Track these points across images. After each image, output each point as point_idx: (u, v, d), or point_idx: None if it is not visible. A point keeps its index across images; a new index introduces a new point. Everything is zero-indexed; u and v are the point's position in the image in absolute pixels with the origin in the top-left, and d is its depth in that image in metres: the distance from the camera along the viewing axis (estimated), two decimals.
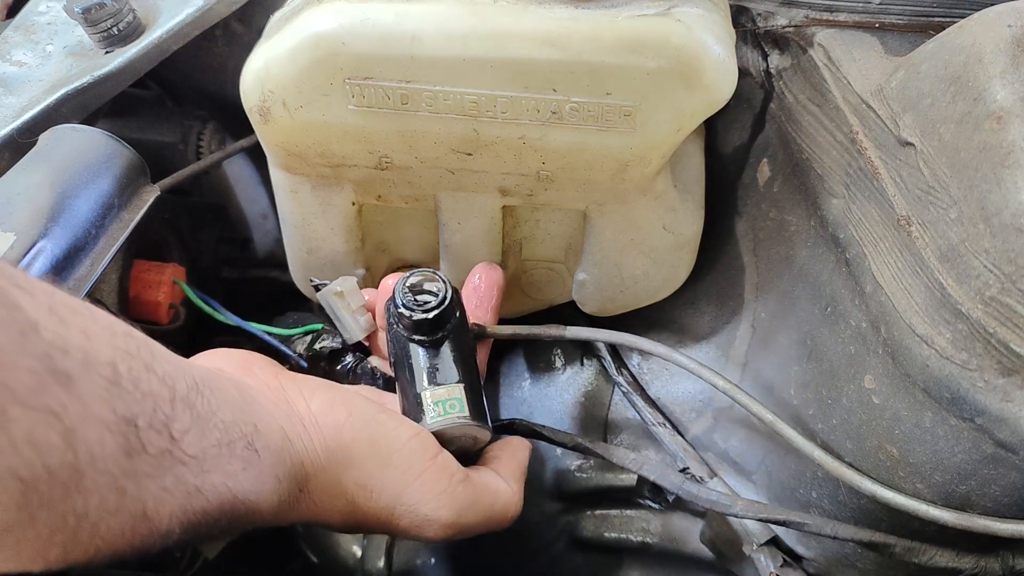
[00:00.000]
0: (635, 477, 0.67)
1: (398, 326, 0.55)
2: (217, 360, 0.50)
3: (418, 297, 0.54)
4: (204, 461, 0.38)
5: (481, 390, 0.57)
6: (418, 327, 0.54)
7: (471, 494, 0.51)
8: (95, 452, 0.32)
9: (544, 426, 0.63)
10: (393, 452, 0.49)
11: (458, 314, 0.56)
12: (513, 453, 0.58)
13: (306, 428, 0.47)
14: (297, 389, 0.49)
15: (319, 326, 0.65)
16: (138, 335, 0.37)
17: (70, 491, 0.32)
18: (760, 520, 0.55)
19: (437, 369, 0.55)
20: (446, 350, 0.55)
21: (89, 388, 0.32)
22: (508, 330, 0.62)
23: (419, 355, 0.55)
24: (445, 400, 0.54)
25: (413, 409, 0.54)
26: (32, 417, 0.30)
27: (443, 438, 0.53)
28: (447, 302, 0.54)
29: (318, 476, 0.47)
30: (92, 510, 0.33)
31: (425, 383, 0.54)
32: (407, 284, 0.55)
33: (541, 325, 0.62)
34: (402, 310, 0.54)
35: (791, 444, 0.52)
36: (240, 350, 0.52)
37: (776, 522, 0.54)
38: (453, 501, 0.50)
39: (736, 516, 0.55)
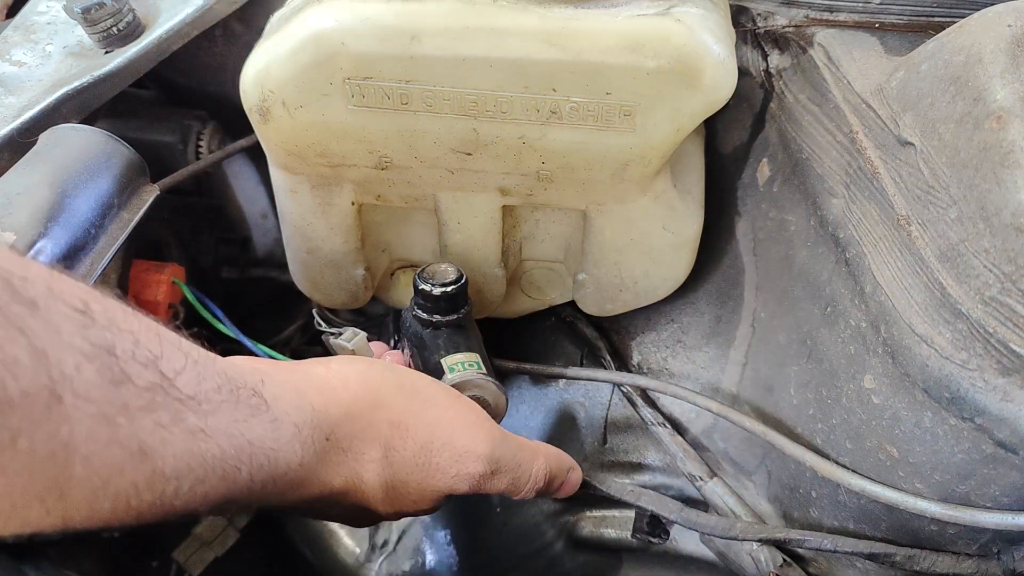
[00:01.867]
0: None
1: (414, 319, 0.60)
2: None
3: (436, 278, 0.60)
4: (205, 403, 0.36)
5: (493, 369, 0.60)
6: (437, 305, 0.59)
7: (500, 431, 0.52)
8: (72, 376, 0.31)
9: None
10: (419, 391, 0.50)
11: (470, 302, 0.61)
12: (549, 445, 0.58)
13: (328, 382, 0.46)
14: (313, 361, 0.49)
15: None
16: (113, 296, 0.36)
17: (51, 414, 0.30)
18: (761, 541, 0.55)
19: (453, 343, 0.59)
20: (462, 332, 0.61)
21: (56, 315, 0.31)
22: (512, 364, 0.65)
23: (435, 338, 0.60)
24: (463, 361, 0.59)
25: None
26: None
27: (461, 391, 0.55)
28: (463, 280, 0.60)
29: (347, 422, 0.46)
30: (79, 440, 0.31)
31: (443, 353, 0.58)
32: (424, 270, 0.60)
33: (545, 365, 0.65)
34: (423, 286, 0.59)
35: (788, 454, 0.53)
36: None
37: (777, 542, 0.54)
38: (485, 432, 0.50)
39: (737, 540, 0.56)
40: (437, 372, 0.57)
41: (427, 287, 0.59)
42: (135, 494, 0.34)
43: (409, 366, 0.61)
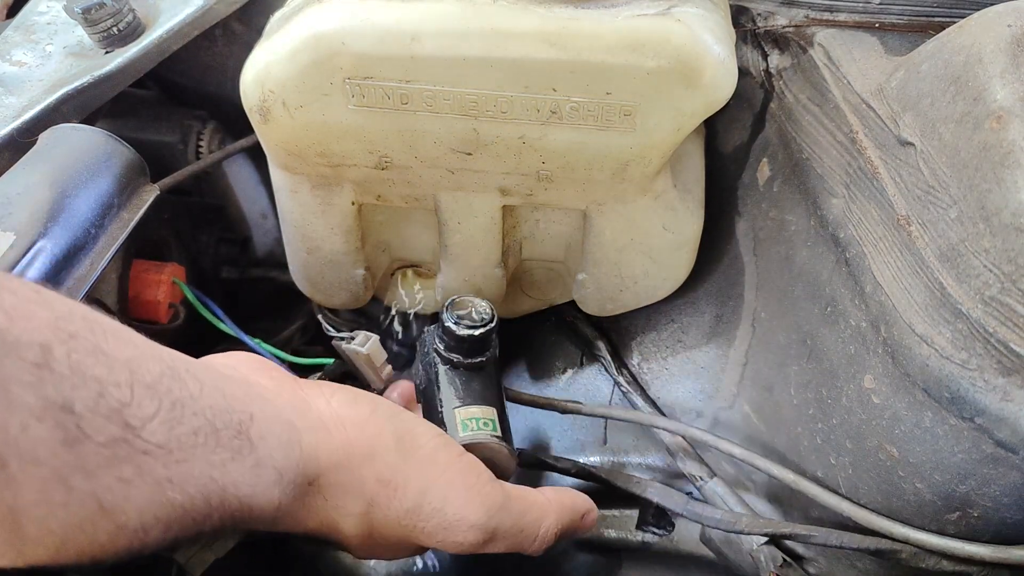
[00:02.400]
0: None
1: (434, 351, 0.55)
2: (233, 360, 0.47)
3: (462, 315, 0.55)
4: (177, 451, 0.35)
5: (509, 426, 0.56)
6: (460, 345, 0.54)
7: (501, 495, 0.48)
8: (18, 440, 0.30)
9: (547, 454, 0.63)
10: (418, 447, 0.47)
11: (496, 344, 0.56)
12: (564, 491, 0.54)
13: (324, 423, 0.45)
14: (317, 390, 0.47)
15: (330, 360, 0.65)
16: (92, 316, 0.35)
17: None
18: (765, 535, 0.55)
19: (471, 392, 0.54)
20: (481, 377, 0.56)
21: (7, 372, 0.30)
22: (526, 396, 0.63)
23: (453, 379, 0.55)
24: (478, 418, 0.54)
25: (440, 427, 0.52)
26: None
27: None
28: (494, 322, 0.55)
29: (334, 471, 0.44)
30: (28, 504, 0.31)
31: (457, 403, 0.54)
32: (454, 301, 0.55)
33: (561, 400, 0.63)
34: (448, 323, 0.54)
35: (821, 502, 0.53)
36: (255, 356, 0.50)
37: (781, 536, 0.54)
38: (483, 499, 0.47)
39: (741, 533, 0.56)
40: (447, 420, 0.53)
41: (452, 324, 0.54)
42: (99, 547, 0.33)
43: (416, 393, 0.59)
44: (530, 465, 0.63)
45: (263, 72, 0.51)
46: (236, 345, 0.64)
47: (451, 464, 0.48)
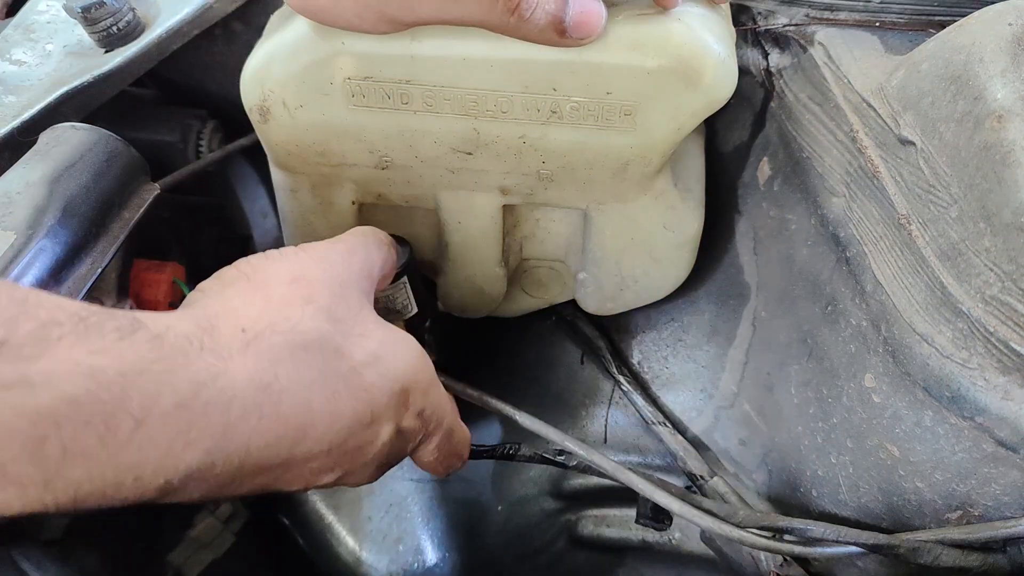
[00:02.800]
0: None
1: None
2: None
3: None
4: (26, 346, 0.29)
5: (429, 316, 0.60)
6: None
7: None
8: None
9: (546, 449, 0.63)
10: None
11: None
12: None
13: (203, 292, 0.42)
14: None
15: None
16: None
17: None
18: (763, 529, 0.55)
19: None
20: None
21: None
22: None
23: None
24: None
25: None
26: None
27: None
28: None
29: (235, 307, 0.39)
30: None
31: None
32: None
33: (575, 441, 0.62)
34: None
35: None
36: None
37: (777, 530, 0.54)
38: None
39: (739, 527, 0.55)
40: None
41: None
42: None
43: None
44: (526, 460, 0.63)
45: (263, 72, 0.51)
46: None
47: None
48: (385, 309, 0.60)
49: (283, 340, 0.38)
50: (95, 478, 0.31)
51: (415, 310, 0.62)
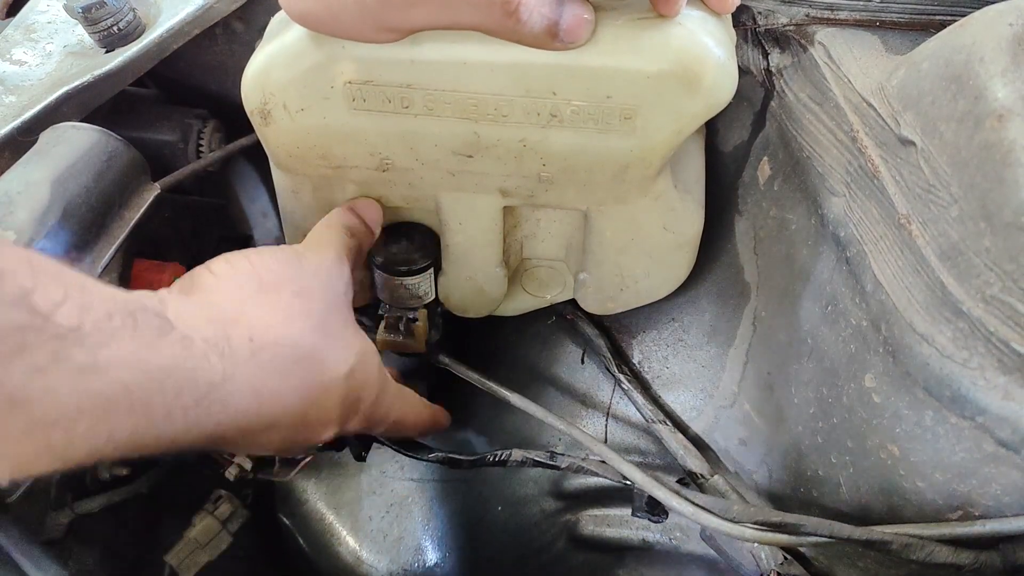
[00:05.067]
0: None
1: None
2: None
3: None
4: (95, 333, 0.33)
5: None
6: None
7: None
8: None
9: (539, 452, 0.63)
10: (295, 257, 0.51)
11: None
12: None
13: (221, 283, 0.46)
14: (194, 272, 0.48)
15: None
16: None
17: None
18: (757, 524, 0.55)
19: None
20: None
21: None
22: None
23: None
24: None
25: None
26: None
27: None
28: None
29: (263, 311, 0.45)
30: None
31: None
32: None
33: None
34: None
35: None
36: None
37: (772, 525, 0.54)
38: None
39: (733, 521, 0.55)
40: None
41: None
42: (14, 446, 0.32)
43: None
44: (521, 464, 0.63)
45: (264, 75, 0.51)
46: None
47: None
48: (409, 295, 0.64)
49: (282, 353, 0.45)
50: (119, 449, 0.36)
51: (434, 296, 0.66)
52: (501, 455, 0.62)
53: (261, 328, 0.44)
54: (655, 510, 0.64)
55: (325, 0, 0.44)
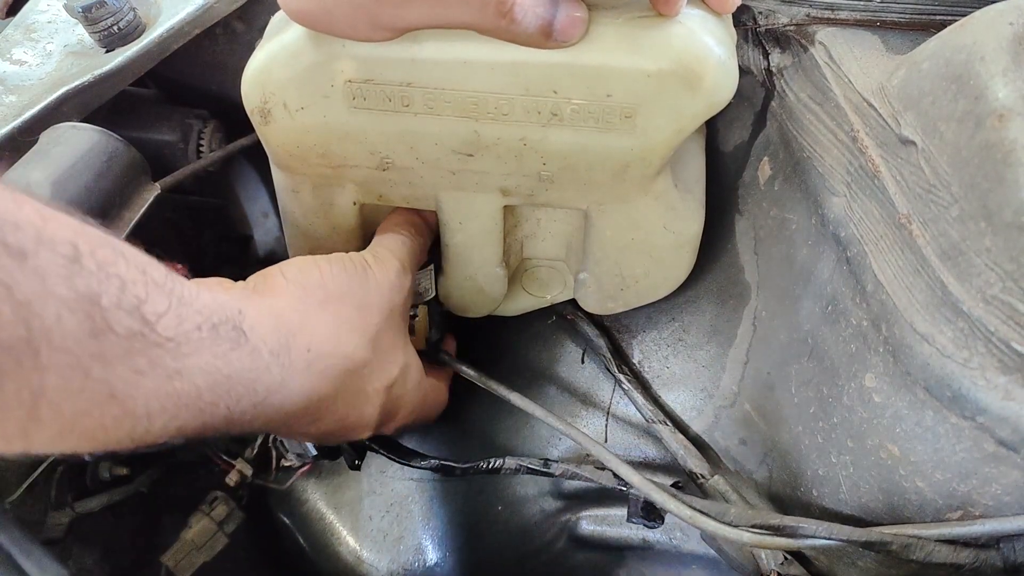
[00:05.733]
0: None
1: None
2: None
3: None
4: (184, 344, 0.38)
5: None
6: None
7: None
8: (51, 329, 0.32)
9: (533, 459, 0.64)
10: (361, 269, 0.55)
11: None
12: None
13: (293, 294, 0.50)
14: (268, 274, 0.52)
15: None
16: (104, 233, 0.36)
17: (23, 366, 0.31)
18: (754, 527, 0.55)
19: None
20: None
21: (45, 264, 0.32)
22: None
23: None
24: None
25: None
26: None
27: None
28: None
29: (324, 324, 0.49)
30: (50, 389, 0.32)
31: None
32: None
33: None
34: None
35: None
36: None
37: (770, 528, 0.54)
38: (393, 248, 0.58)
39: (730, 525, 0.55)
40: None
41: None
42: (102, 432, 0.35)
43: None
44: (514, 472, 0.63)
45: (264, 74, 0.51)
46: None
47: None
48: (411, 291, 0.64)
49: (335, 364, 0.49)
50: (185, 436, 0.40)
51: (434, 293, 0.67)
52: (494, 463, 0.63)
53: (320, 339, 0.49)
54: (650, 515, 0.64)
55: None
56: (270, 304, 0.48)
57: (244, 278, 0.82)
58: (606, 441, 0.73)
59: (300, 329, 0.48)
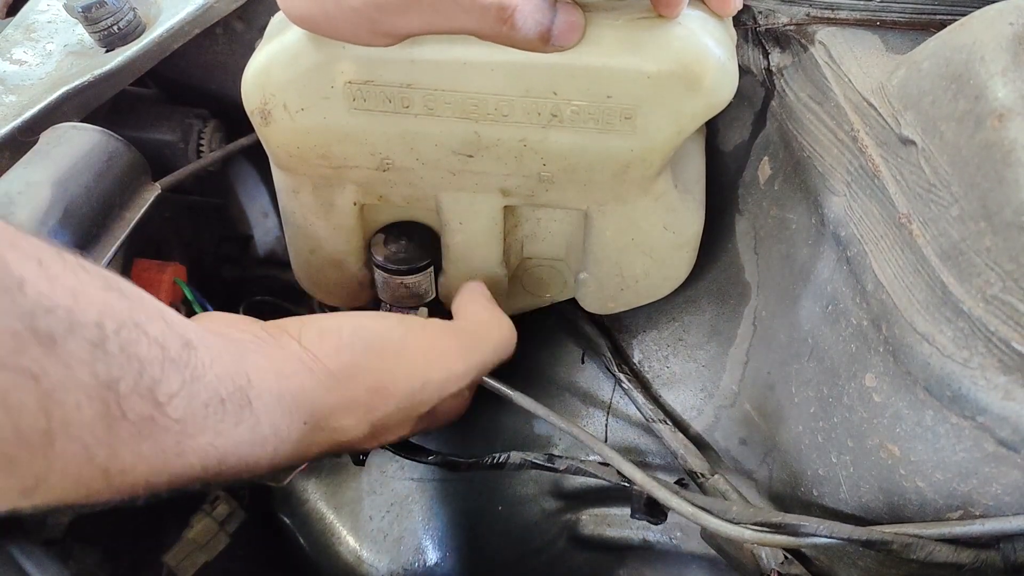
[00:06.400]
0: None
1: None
2: (210, 321, 0.49)
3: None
4: (190, 424, 0.37)
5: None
6: None
7: (466, 334, 0.56)
8: (70, 418, 0.31)
9: (537, 454, 0.63)
10: (390, 344, 0.51)
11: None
12: (473, 288, 0.62)
13: (303, 362, 0.46)
14: (285, 333, 0.48)
15: None
16: (133, 291, 0.36)
17: (35, 456, 0.31)
18: (757, 524, 0.55)
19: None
20: None
21: (72, 350, 0.31)
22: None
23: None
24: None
25: None
26: (9, 378, 0.29)
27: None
28: None
29: (324, 401, 0.46)
30: (54, 473, 0.32)
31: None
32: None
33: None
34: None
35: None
36: (223, 312, 0.53)
37: (771, 525, 0.54)
38: (459, 351, 0.54)
39: (732, 522, 0.55)
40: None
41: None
42: (92, 494, 0.35)
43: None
44: (519, 467, 0.63)
45: (264, 75, 0.51)
46: None
47: (421, 341, 0.53)
48: (409, 294, 0.65)
49: (407, 418, 0.52)
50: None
51: (434, 295, 0.67)
52: (499, 457, 0.62)
53: (404, 393, 0.50)
54: (654, 512, 0.64)
55: (322, 4, 0.44)
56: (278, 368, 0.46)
57: (244, 278, 0.83)
58: (606, 441, 0.73)
59: (386, 386, 0.49)
